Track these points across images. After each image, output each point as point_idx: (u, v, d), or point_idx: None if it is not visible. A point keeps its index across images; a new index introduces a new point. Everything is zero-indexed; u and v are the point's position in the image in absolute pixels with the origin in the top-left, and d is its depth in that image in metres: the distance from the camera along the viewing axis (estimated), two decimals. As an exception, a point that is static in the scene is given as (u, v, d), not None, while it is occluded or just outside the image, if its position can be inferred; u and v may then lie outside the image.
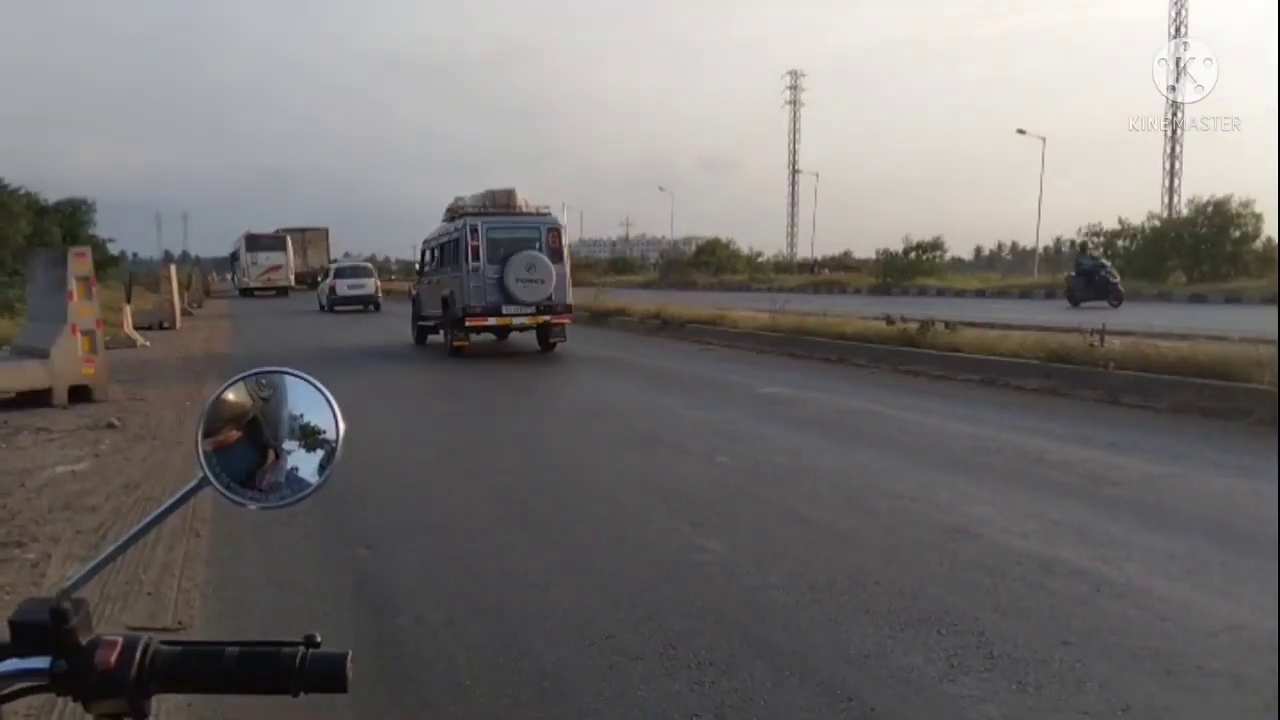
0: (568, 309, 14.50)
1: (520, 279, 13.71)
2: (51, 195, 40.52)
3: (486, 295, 13.77)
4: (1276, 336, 8.72)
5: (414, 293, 18.01)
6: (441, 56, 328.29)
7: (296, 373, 1.00)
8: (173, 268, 26.00)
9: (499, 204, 14.86)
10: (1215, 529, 4.83)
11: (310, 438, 0.98)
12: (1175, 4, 48.41)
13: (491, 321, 14.06)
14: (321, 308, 30.78)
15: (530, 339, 15.00)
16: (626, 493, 5.77)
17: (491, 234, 13.98)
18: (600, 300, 23.04)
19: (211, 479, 0.93)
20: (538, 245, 14.09)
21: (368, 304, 30.51)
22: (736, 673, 3.13)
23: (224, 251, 61.06)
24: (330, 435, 0.98)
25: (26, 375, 9.19)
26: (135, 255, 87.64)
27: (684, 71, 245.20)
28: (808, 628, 3.54)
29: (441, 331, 15.39)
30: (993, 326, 14.19)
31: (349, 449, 0.99)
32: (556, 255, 14.18)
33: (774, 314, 16.07)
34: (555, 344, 14.54)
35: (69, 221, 39.40)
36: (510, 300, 13.77)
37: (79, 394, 9.31)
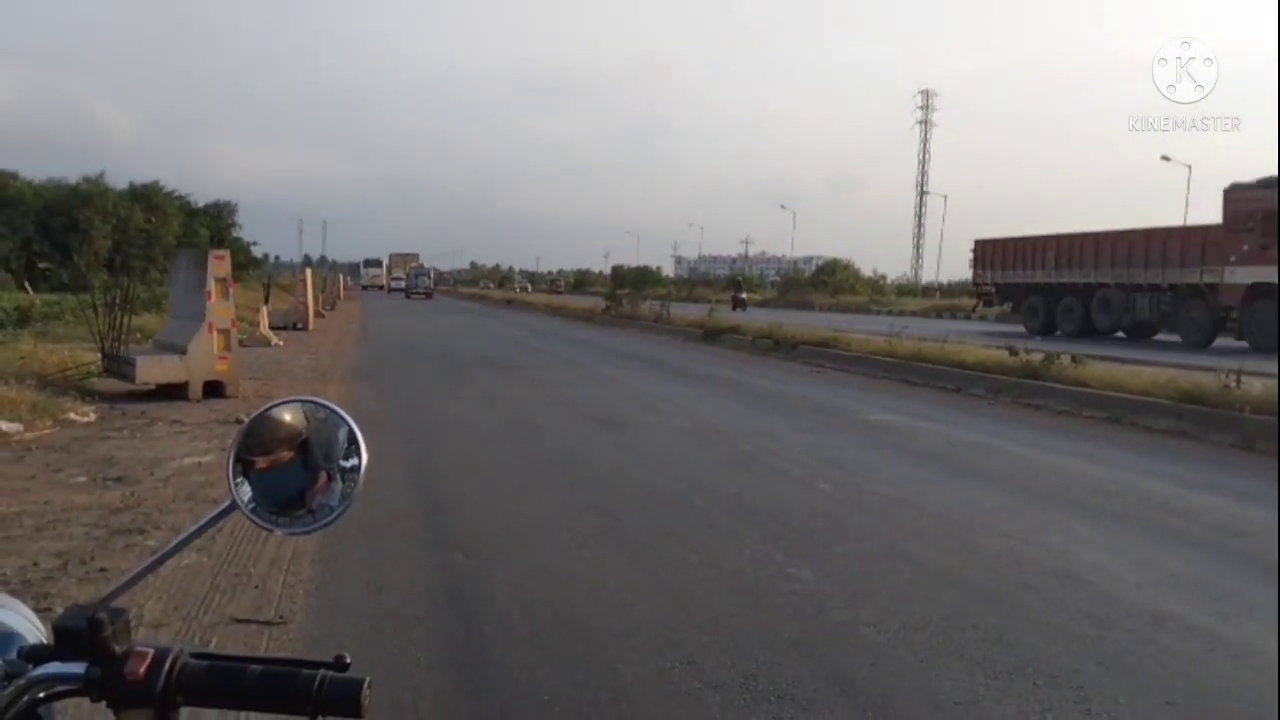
0: (431, 290, 61.93)
1: (419, 283, 61.83)
2: (202, 198, 42.96)
3: (415, 286, 61.00)
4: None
5: (405, 284, 64.59)
6: (572, 72, 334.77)
7: (323, 402, 1.03)
8: (309, 272, 27.17)
9: (409, 258, 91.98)
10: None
11: (339, 465, 1.01)
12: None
13: (412, 293, 59.19)
14: (363, 289, 74.49)
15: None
16: (722, 515, 5.73)
17: (412, 274, 66.56)
18: (713, 318, 22.99)
19: (240, 503, 0.97)
20: (428, 274, 67.71)
21: (380, 289, 75.46)
22: (817, 711, 3.06)
23: (360, 257, 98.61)
24: (355, 464, 1.01)
25: (166, 369, 9.73)
26: (277, 258, 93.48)
27: (813, 89, 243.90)
28: (896, 669, 3.43)
29: (407, 293, 60.54)
30: (1123, 362, 13.56)
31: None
32: (427, 276, 65.95)
33: (890, 339, 15.74)
34: (430, 297, 57.19)
35: (216, 223, 41.63)
36: (417, 289, 59.80)
37: (212, 389, 9.80)
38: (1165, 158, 42.94)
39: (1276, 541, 4.48)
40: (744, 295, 43.99)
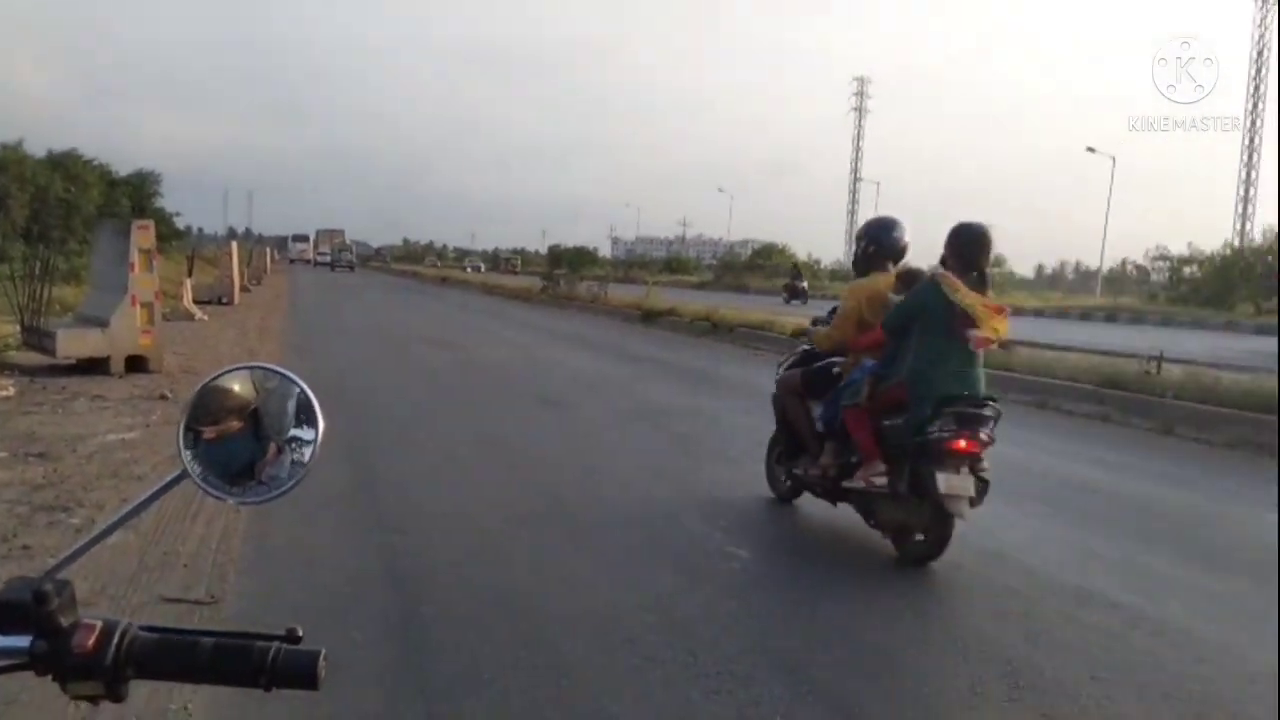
0: (354, 264, 69.47)
1: (342, 257, 68.47)
2: (123, 167, 41.48)
3: (339, 260, 67.62)
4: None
5: (329, 258, 69.76)
6: (510, 48, 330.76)
7: (276, 368, 1.01)
8: (234, 245, 26.46)
9: (335, 234, 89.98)
10: (1262, 571, 4.69)
11: (294, 434, 0.99)
12: (1258, 27, 47.14)
13: (336, 266, 65.27)
14: (291, 262, 71.96)
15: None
16: (662, 494, 5.76)
17: (336, 249, 74.01)
18: (651, 300, 23.01)
19: (190, 472, 0.94)
20: (350, 250, 76.27)
21: (307, 262, 74.69)
22: (755, 684, 3.10)
23: (286, 231, 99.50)
24: (310, 433, 0.98)
25: (87, 343, 9.42)
26: (201, 230, 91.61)
27: (754, 73, 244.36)
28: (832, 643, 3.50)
29: (331, 266, 66.28)
30: (1049, 348, 13.93)
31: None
32: (350, 251, 74.00)
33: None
34: (352, 269, 65.20)
35: (138, 194, 40.26)
36: (340, 264, 66.02)
37: (135, 364, 9.51)
38: (1090, 149, 44.15)
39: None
40: (804, 284, 34.96)
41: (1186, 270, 38.79)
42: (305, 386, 1.00)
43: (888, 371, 4.61)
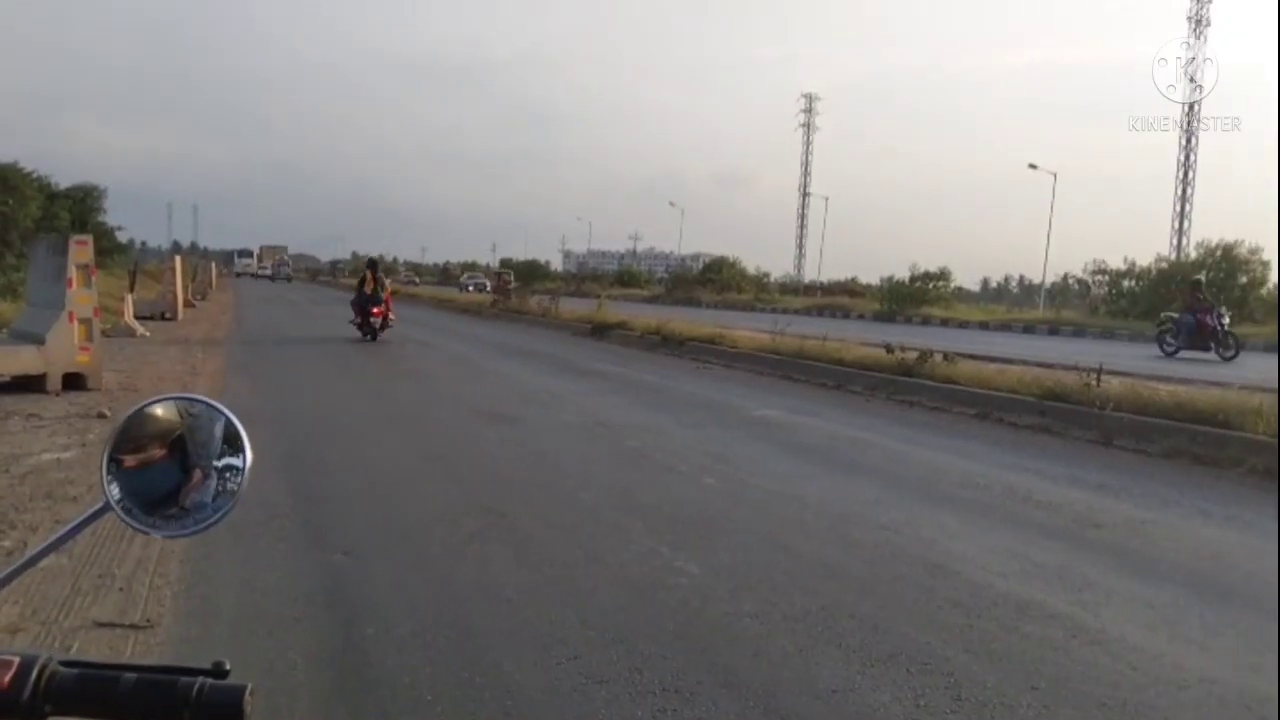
0: (291, 276, 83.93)
1: (282, 271, 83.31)
2: (64, 180, 40.51)
3: (279, 273, 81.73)
4: (1277, 382, 8.69)
5: (270, 272, 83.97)
6: (460, 59, 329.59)
7: (201, 398, 1.00)
8: (178, 259, 26.02)
9: (277, 250, 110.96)
10: (1197, 579, 4.81)
11: (221, 465, 0.98)
12: (1188, 50, 48.48)
13: (276, 278, 77.38)
14: (237, 276, 77.39)
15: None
16: (609, 509, 5.75)
17: (277, 264, 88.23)
18: (601, 313, 23.01)
19: (113, 504, 0.92)
20: (289, 264, 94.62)
21: (253, 276, 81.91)
22: (701, 702, 3.10)
23: (232, 245, 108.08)
24: (239, 464, 0.97)
25: (22, 360, 9.19)
26: (144, 244, 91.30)
27: (704, 87, 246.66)
28: (777, 659, 3.51)
29: (272, 278, 77.61)
30: (992, 360, 14.18)
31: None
32: (288, 266, 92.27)
33: (774, 336, 16.06)
34: (290, 281, 77.64)
35: (79, 207, 39.35)
36: (280, 276, 78.84)
37: (73, 381, 9.31)
38: (1033, 165, 45.07)
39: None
40: (1225, 320, 20.21)
41: (1125, 284, 39.70)
42: (233, 416, 0.99)
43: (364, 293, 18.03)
